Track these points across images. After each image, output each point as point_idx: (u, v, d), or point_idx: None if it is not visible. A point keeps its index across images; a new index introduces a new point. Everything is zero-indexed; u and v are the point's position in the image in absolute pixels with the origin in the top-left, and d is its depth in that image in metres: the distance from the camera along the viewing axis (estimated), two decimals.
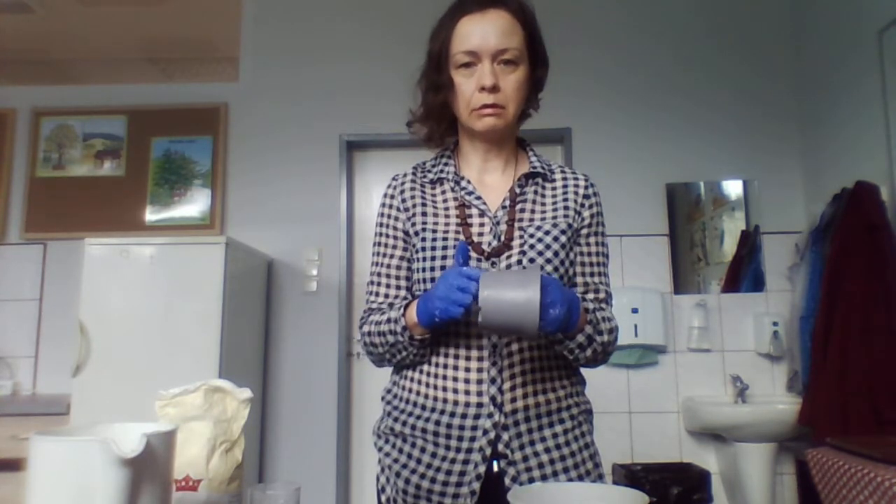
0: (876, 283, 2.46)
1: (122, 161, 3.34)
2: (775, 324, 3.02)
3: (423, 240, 1.13)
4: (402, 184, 1.20)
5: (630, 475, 2.73)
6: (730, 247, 3.19)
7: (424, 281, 1.11)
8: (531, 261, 1.08)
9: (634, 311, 3.03)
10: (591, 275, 1.17)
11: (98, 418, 0.94)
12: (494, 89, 1.08)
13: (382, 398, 1.21)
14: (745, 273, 3.17)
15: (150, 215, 3.28)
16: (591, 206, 1.18)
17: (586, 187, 1.19)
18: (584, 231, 1.17)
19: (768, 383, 3.07)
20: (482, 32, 1.08)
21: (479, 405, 1.06)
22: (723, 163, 3.24)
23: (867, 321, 2.44)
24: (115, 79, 3.44)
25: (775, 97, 3.28)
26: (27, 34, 3.43)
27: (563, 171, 1.21)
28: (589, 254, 1.17)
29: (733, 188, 3.23)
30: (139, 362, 2.50)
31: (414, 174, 1.22)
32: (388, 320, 1.10)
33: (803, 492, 2.71)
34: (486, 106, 1.09)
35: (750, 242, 3.18)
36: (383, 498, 1.16)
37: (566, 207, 1.15)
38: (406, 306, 1.08)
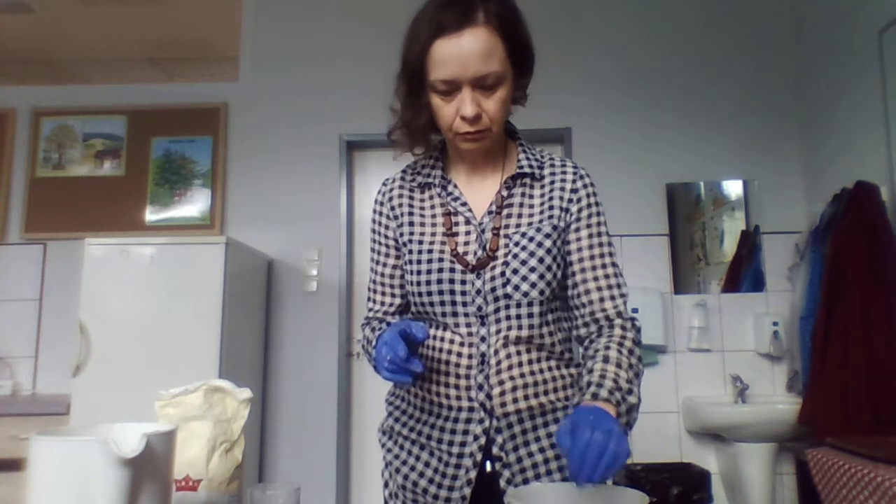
0: (876, 283, 2.46)
1: (122, 161, 3.34)
2: (775, 324, 3.02)
3: (411, 251, 1.12)
4: (391, 190, 1.19)
5: (630, 475, 2.73)
6: (730, 247, 3.19)
7: (414, 294, 1.11)
8: (514, 272, 1.06)
9: (634, 311, 3.02)
10: (594, 268, 1.09)
11: (98, 418, 0.94)
12: (476, 119, 1.02)
13: (385, 399, 1.22)
14: (745, 273, 3.17)
15: (150, 215, 3.28)
16: (578, 200, 1.11)
17: (574, 181, 1.12)
18: (574, 226, 1.10)
19: (768, 383, 3.07)
20: (459, 59, 0.98)
21: (471, 409, 1.06)
22: (723, 163, 3.24)
23: (867, 321, 2.44)
24: (115, 79, 3.44)
25: (775, 97, 3.28)
26: (27, 34, 3.43)
27: (552, 166, 1.15)
28: (579, 249, 1.10)
29: (733, 188, 3.23)
30: (139, 362, 2.50)
31: (403, 178, 1.20)
32: (369, 342, 1.12)
33: (803, 492, 2.71)
34: (469, 132, 1.04)
35: (750, 242, 3.18)
36: (386, 493, 1.18)
37: (552, 207, 1.10)
38: (379, 335, 1.06)
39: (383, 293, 1.19)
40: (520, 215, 1.11)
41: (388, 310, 1.18)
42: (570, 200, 1.11)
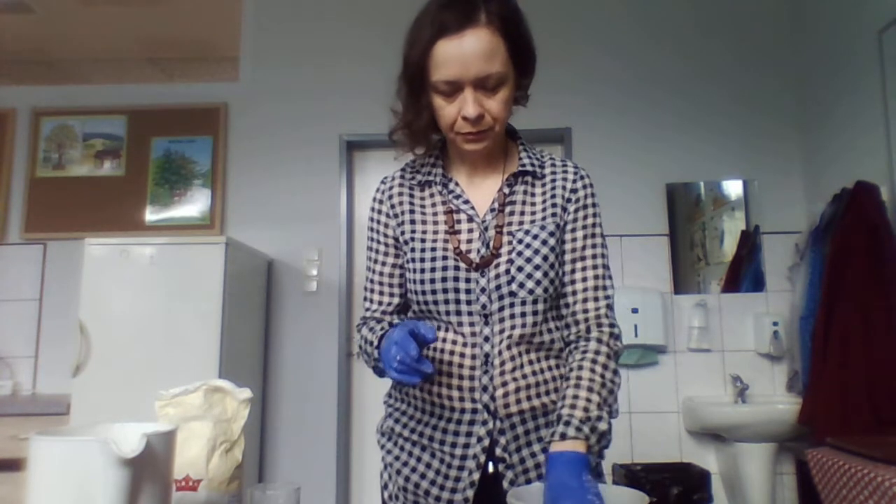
0: (876, 283, 2.46)
1: (122, 161, 3.34)
2: (775, 324, 3.02)
3: (413, 250, 1.12)
4: (391, 188, 1.18)
5: (630, 475, 2.73)
6: (730, 247, 3.19)
7: (417, 293, 1.10)
8: (519, 269, 1.06)
9: (634, 311, 3.03)
10: (584, 268, 1.10)
11: (98, 418, 0.94)
12: (479, 119, 1.02)
13: (384, 400, 1.22)
14: (745, 273, 3.17)
15: (150, 215, 3.28)
16: (576, 200, 1.12)
17: (574, 181, 1.13)
18: (570, 226, 1.11)
19: (768, 383, 3.07)
20: (461, 60, 0.98)
21: (474, 411, 1.06)
22: (723, 163, 3.24)
23: (867, 321, 2.44)
24: (115, 79, 3.44)
25: (775, 97, 3.28)
26: (27, 34, 3.44)
27: (553, 165, 1.16)
28: (573, 249, 1.10)
29: (733, 188, 3.23)
30: (139, 362, 2.50)
31: (402, 176, 1.19)
32: (369, 342, 1.10)
33: (803, 492, 2.72)
34: (471, 133, 1.04)
35: (750, 242, 3.18)
36: (385, 494, 1.17)
37: (554, 206, 1.11)
38: (384, 335, 1.06)
39: (381, 292, 1.18)
40: (522, 213, 1.11)
41: (387, 309, 1.17)
42: (568, 200, 1.12)
